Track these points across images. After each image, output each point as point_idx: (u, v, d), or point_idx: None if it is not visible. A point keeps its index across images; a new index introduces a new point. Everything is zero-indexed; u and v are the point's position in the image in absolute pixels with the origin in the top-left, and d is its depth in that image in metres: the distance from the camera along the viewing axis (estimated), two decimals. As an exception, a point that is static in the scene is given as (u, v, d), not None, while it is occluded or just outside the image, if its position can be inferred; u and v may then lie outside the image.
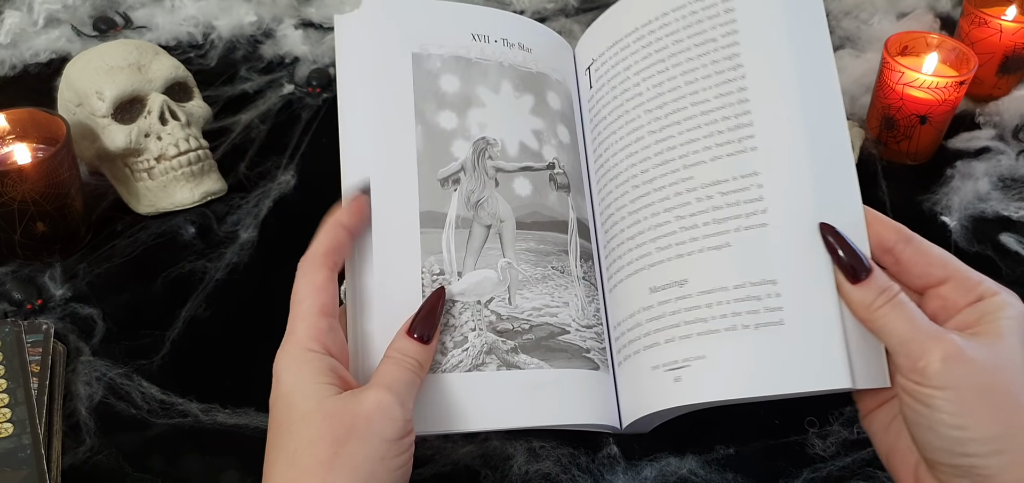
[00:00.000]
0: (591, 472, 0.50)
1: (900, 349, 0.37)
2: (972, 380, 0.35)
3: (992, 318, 0.37)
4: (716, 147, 0.43)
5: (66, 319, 0.60)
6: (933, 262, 0.39)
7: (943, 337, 0.36)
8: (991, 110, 0.82)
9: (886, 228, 0.40)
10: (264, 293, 0.63)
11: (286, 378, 0.39)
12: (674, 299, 0.43)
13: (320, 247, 0.42)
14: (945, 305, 0.39)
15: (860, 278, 0.39)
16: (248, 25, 0.95)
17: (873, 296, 0.38)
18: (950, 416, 0.35)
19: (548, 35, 0.52)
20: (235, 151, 0.77)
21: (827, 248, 0.40)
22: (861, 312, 0.39)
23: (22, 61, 0.89)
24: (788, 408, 0.53)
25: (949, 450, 0.36)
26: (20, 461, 0.47)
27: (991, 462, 0.35)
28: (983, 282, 0.39)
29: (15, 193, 0.60)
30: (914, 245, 0.40)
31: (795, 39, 0.43)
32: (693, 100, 0.44)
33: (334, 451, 0.36)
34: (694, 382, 0.42)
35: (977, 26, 0.80)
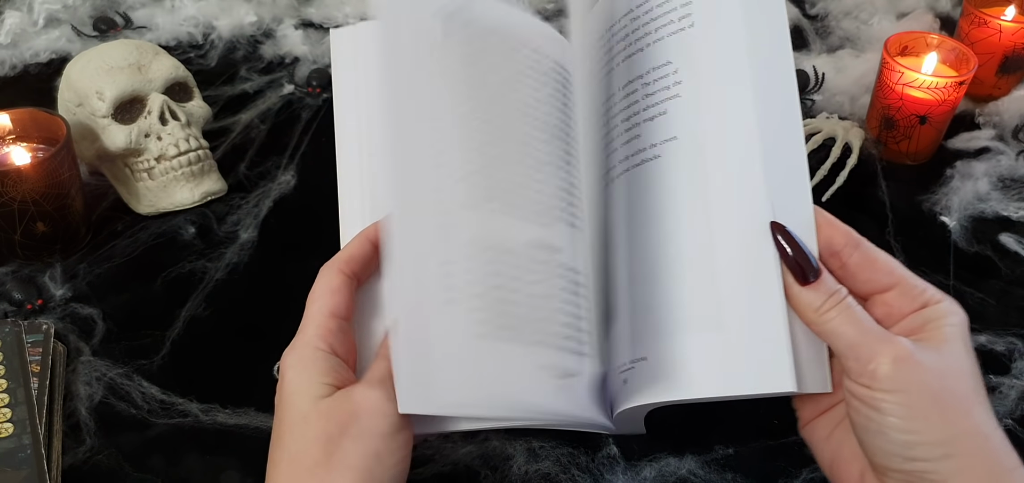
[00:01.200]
0: (591, 472, 0.50)
1: (849, 352, 0.36)
2: (922, 384, 0.35)
3: (936, 325, 0.37)
4: (675, 152, 0.42)
5: (66, 319, 0.60)
6: (880, 268, 0.39)
7: (893, 340, 0.36)
8: (991, 110, 0.82)
9: (836, 231, 0.40)
10: (264, 293, 0.63)
11: (290, 376, 0.39)
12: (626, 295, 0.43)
13: (342, 254, 0.42)
14: (890, 311, 0.38)
15: (809, 280, 0.38)
16: (248, 25, 0.95)
17: (822, 299, 0.38)
18: (900, 420, 0.35)
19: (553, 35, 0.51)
20: (235, 151, 0.77)
21: (777, 247, 0.39)
22: (809, 315, 0.38)
23: (22, 61, 0.89)
24: (788, 408, 0.52)
25: (898, 455, 0.35)
26: (20, 461, 0.47)
27: (940, 466, 0.34)
28: (928, 289, 0.38)
29: (15, 193, 0.60)
30: (862, 250, 0.39)
31: (754, 31, 0.42)
32: (649, 101, 0.44)
33: (329, 451, 0.37)
34: (638, 384, 0.41)
35: (977, 26, 0.80)
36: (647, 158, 0.43)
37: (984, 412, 0.36)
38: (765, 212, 0.39)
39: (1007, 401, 0.55)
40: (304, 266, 0.55)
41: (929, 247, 0.68)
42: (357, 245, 0.43)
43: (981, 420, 0.35)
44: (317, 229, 0.68)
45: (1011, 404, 0.55)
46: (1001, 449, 0.35)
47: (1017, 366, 0.57)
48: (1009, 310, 0.62)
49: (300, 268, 0.65)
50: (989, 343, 0.59)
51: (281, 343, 0.41)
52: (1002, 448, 0.35)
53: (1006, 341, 0.59)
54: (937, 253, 0.67)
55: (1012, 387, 0.56)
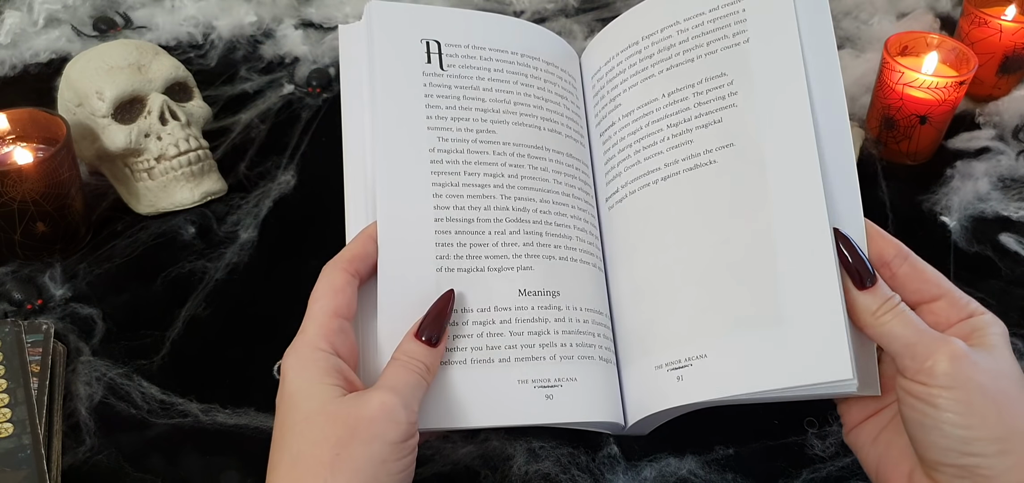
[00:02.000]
0: (591, 472, 0.50)
1: (905, 352, 0.38)
2: (978, 381, 0.36)
3: (983, 333, 0.39)
4: (733, 158, 0.44)
5: (66, 319, 0.60)
6: (928, 280, 0.41)
7: (949, 340, 0.38)
8: (991, 110, 0.82)
9: (886, 243, 0.42)
10: (264, 293, 0.63)
11: (292, 377, 0.39)
12: (681, 294, 0.43)
13: (345, 253, 0.43)
14: (937, 320, 0.40)
15: (866, 284, 0.40)
16: (248, 25, 0.95)
17: (878, 302, 0.40)
18: (957, 415, 0.36)
19: (554, 40, 0.52)
20: (235, 151, 0.77)
21: (838, 253, 0.41)
22: (865, 317, 0.40)
23: (22, 61, 0.89)
24: (787, 409, 0.53)
25: (955, 449, 0.36)
26: (20, 461, 0.47)
27: (995, 462, 0.36)
28: (972, 302, 0.41)
29: (15, 193, 0.60)
30: (911, 262, 0.42)
31: (807, 49, 0.44)
32: (702, 109, 0.45)
33: (336, 453, 0.36)
34: (697, 381, 0.42)
35: (977, 26, 0.80)
36: (701, 163, 0.45)
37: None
38: (825, 219, 0.41)
39: (1007, 401, 0.55)
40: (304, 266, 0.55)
41: (929, 247, 0.67)
42: (360, 243, 0.43)
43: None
44: (317, 229, 0.68)
45: (1011, 404, 0.55)
46: None
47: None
48: (1009, 310, 0.62)
49: (300, 268, 0.65)
50: (989, 343, 0.59)
51: (281, 343, 0.41)
52: None
53: (1006, 341, 0.59)
54: (937, 253, 0.67)
55: (1012, 387, 0.56)
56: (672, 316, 0.44)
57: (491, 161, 0.46)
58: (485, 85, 0.48)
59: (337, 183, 0.46)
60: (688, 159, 0.45)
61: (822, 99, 0.44)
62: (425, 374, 0.40)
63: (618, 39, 0.50)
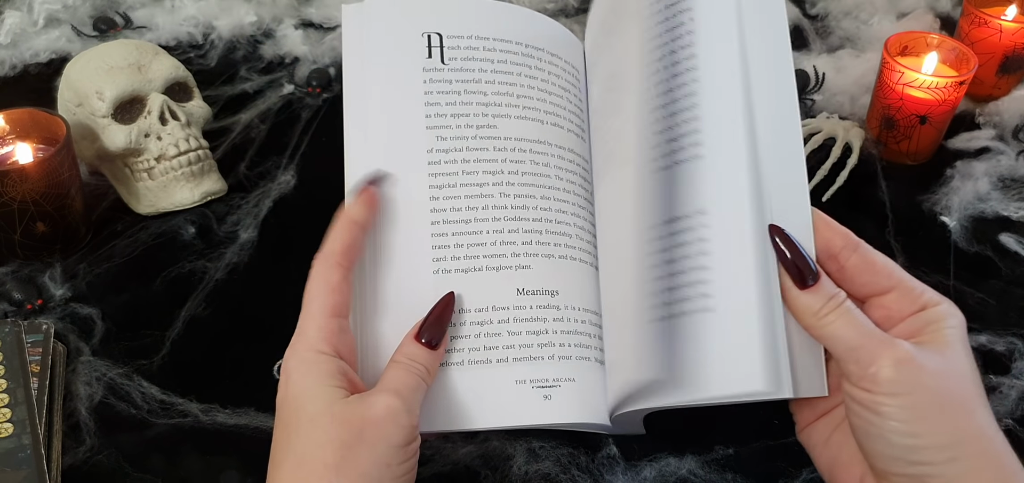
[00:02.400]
0: (591, 472, 0.50)
1: (849, 356, 0.36)
2: (924, 386, 0.35)
3: (936, 327, 0.37)
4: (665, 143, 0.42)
5: (66, 319, 0.60)
6: (879, 271, 0.38)
7: (894, 343, 0.36)
8: (991, 110, 0.82)
9: (834, 233, 0.39)
10: (264, 293, 0.63)
11: (295, 379, 0.39)
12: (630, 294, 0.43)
13: (335, 246, 0.41)
14: (888, 314, 0.38)
15: (807, 283, 0.38)
16: (248, 25, 0.95)
17: (821, 302, 0.37)
18: (902, 423, 0.34)
19: (559, 30, 0.51)
20: (235, 151, 0.77)
21: (775, 250, 0.38)
22: (807, 318, 0.38)
23: (22, 61, 0.89)
24: (787, 408, 0.53)
25: (901, 459, 0.35)
26: (20, 461, 0.47)
27: (945, 469, 0.34)
28: (926, 292, 0.38)
29: (15, 193, 0.60)
30: (860, 252, 0.39)
31: (748, 37, 0.42)
32: (648, 96, 0.44)
33: (342, 455, 0.36)
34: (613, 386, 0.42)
35: (977, 26, 0.80)
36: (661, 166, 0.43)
37: (986, 414, 0.36)
38: (763, 215, 0.39)
39: (1007, 401, 0.55)
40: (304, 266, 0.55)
41: (929, 247, 0.68)
42: (347, 232, 0.42)
43: (984, 422, 0.35)
44: (317, 229, 0.68)
45: (1011, 404, 0.55)
46: (1004, 451, 0.35)
47: (1017, 366, 0.57)
48: (1009, 310, 0.62)
49: (300, 268, 0.65)
50: (989, 343, 0.59)
51: (281, 343, 0.41)
52: (1004, 450, 0.35)
53: (1006, 341, 0.59)
54: (937, 253, 0.67)
55: (1012, 387, 0.56)
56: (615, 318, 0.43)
57: (491, 157, 0.45)
58: (487, 78, 0.47)
59: (337, 183, 0.46)
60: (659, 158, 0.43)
61: (766, 88, 0.41)
62: (425, 376, 0.40)
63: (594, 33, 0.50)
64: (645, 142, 0.43)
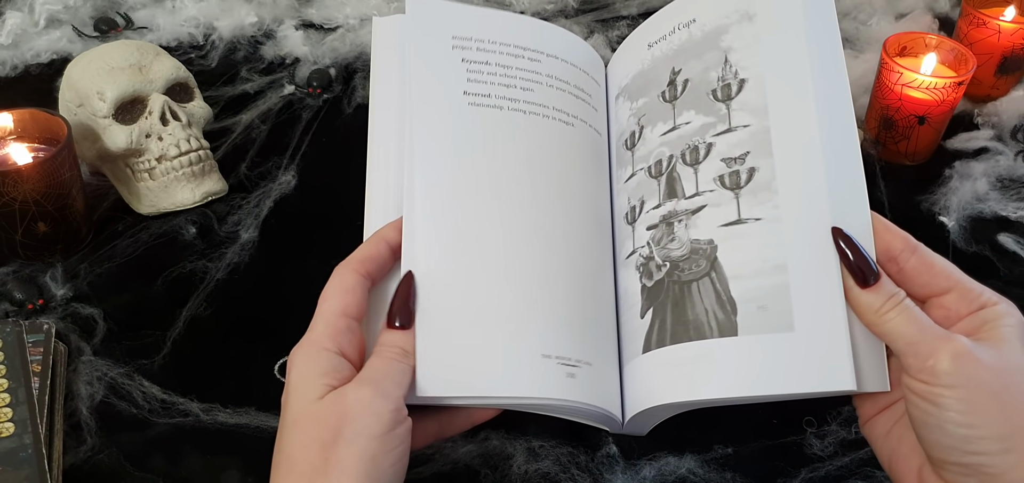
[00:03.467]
0: (590, 471, 0.50)
1: (908, 350, 0.38)
2: (981, 379, 0.36)
3: (994, 325, 0.38)
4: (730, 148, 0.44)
5: (67, 319, 0.60)
6: (937, 272, 0.40)
7: (952, 338, 0.37)
8: (989, 110, 0.82)
9: (893, 236, 0.41)
10: (265, 293, 0.63)
11: (293, 375, 0.39)
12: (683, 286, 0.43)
13: (358, 253, 0.43)
14: (947, 314, 0.40)
15: (869, 283, 0.39)
16: (249, 26, 0.95)
17: (882, 300, 0.39)
18: (960, 414, 0.36)
19: (583, 48, 0.53)
20: (236, 151, 0.77)
21: (838, 252, 0.40)
22: (869, 316, 0.39)
23: (23, 61, 0.89)
24: (786, 408, 0.53)
25: (958, 448, 0.36)
26: (21, 461, 0.47)
27: (999, 460, 0.35)
28: (984, 292, 0.39)
29: (16, 193, 0.60)
30: (919, 255, 0.41)
31: (812, 44, 0.44)
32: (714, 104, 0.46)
33: (325, 456, 0.37)
34: (702, 379, 0.42)
35: (975, 27, 0.81)
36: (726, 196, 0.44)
37: None
38: (827, 217, 0.41)
39: (1005, 401, 0.55)
40: (305, 266, 0.55)
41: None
42: (373, 245, 0.43)
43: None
44: (318, 229, 0.68)
45: (1009, 404, 0.55)
46: None
47: (1015, 366, 0.57)
48: (1008, 310, 0.62)
49: (301, 268, 0.65)
50: (987, 343, 0.59)
51: (282, 343, 0.41)
52: None
53: (1004, 341, 0.59)
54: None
55: (1010, 387, 0.56)
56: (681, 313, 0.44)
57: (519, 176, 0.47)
58: (514, 95, 0.48)
59: (338, 183, 0.46)
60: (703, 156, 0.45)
61: (828, 95, 0.43)
62: (402, 357, 0.41)
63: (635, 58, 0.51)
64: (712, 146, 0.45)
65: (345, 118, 0.82)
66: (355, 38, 0.93)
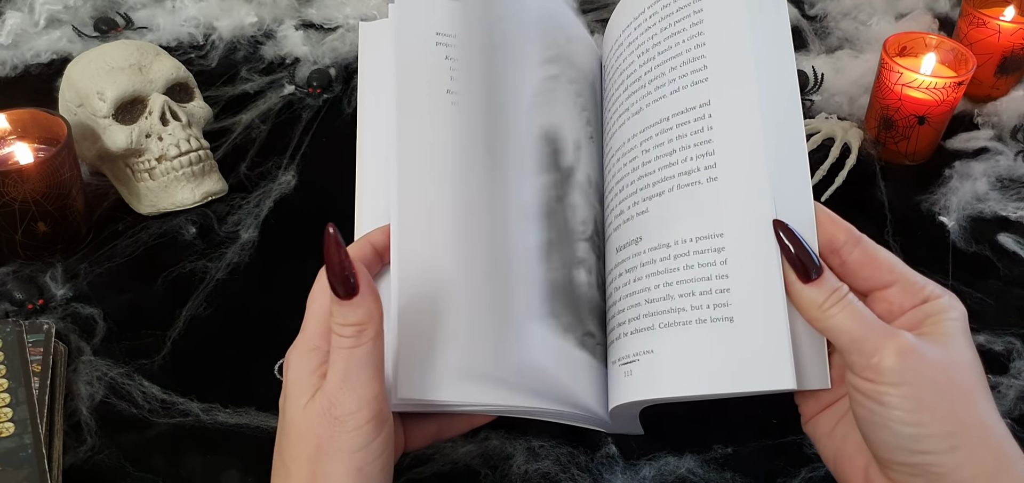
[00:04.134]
0: (590, 471, 0.50)
1: (852, 347, 0.36)
2: (927, 376, 0.35)
3: (937, 319, 0.37)
4: (677, 139, 0.43)
5: (67, 319, 0.60)
6: (880, 265, 0.39)
7: (896, 334, 0.36)
8: (989, 110, 0.82)
9: (837, 228, 0.39)
10: (265, 293, 0.63)
11: (288, 376, 0.40)
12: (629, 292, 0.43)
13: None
14: (890, 308, 0.38)
15: (811, 277, 0.38)
16: (249, 26, 0.95)
17: (824, 295, 0.37)
18: (905, 412, 0.35)
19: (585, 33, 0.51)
20: (236, 151, 0.77)
21: (779, 244, 0.39)
22: (811, 311, 0.38)
23: (23, 61, 0.89)
24: (786, 408, 0.53)
25: (904, 448, 0.35)
26: (21, 461, 0.47)
27: (947, 459, 0.35)
28: (928, 285, 0.38)
29: (16, 193, 0.60)
30: (862, 247, 0.39)
31: (758, 31, 0.42)
32: (657, 95, 0.44)
33: (312, 470, 0.37)
34: (642, 378, 0.41)
35: (975, 27, 0.81)
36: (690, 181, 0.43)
37: (988, 404, 0.36)
38: (768, 210, 0.40)
39: (1006, 400, 0.55)
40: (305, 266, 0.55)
41: (928, 247, 0.68)
42: (359, 247, 0.43)
43: (985, 412, 0.36)
44: (318, 229, 0.68)
45: (1010, 403, 0.55)
46: (1005, 441, 0.36)
47: (1015, 365, 0.57)
48: (1007, 310, 0.62)
49: (301, 268, 0.65)
50: (987, 343, 0.59)
51: (281, 343, 0.41)
52: (1005, 440, 0.36)
53: (1004, 341, 0.59)
54: (936, 253, 0.67)
55: (1011, 387, 0.56)
56: (629, 311, 0.43)
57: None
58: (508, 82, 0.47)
59: (337, 183, 0.46)
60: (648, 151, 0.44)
61: (772, 86, 0.42)
62: (359, 336, 0.37)
63: (612, 31, 0.50)
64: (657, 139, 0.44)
65: (345, 118, 0.82)
66: (355, 38, 0.93)
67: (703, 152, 0.42)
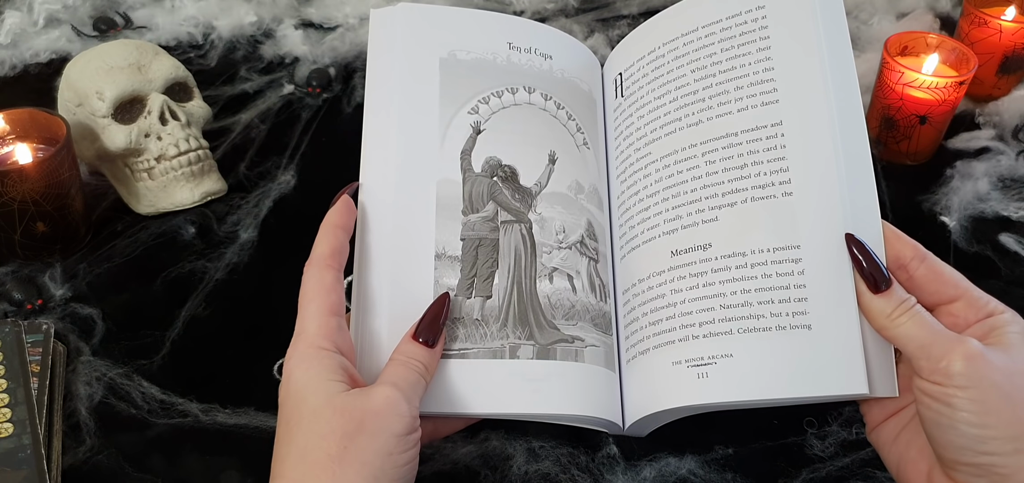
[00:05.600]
0: (591, 472, 0.50)
1: (920, 353, 0.38)
2: (993, 380, 0.37)
3: (1002, 332, 0.39)
4: (748, 153, 0.44)
5: (66, 319, 0.60)
6: (946, 281, 0.41)
7: (964, 341, 0.38)
8: (991, 110, 0.82)
9: (904, 245, 0.42)
10: (264, 293, 0.63)
11: (297, 375, 0.40)
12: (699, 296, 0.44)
13: (324, 249, 0.43)
14: (956, 321, 0.40)
15: (881, 288, 0.40)
16: (248, 25, 0.95)
17: (893, 305, 0.40)
18: (973, 414, 0.36)
19: (575, 46, 0.53)
20: (235, 151, 0.77)
21: (851, 258, 0.41)
22: (880, 321, 0.40)
23: (22, 61, 0.89)
24: (786, 409, 0.53)
25: (970, 449, 0.37)
26: (20, 461, 0.47)
27: (1011, 460, 0.36)
28: (991, 301, 0.40)
29: (15, 193, 0.60)
30: (928, 263, 0.42)
31: (826, 55, 0.45)
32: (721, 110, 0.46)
33: (344, 445, 0.37)
34: (721, 380, 0.42)
35: (977, 26, 0.80)
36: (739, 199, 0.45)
37: None
38: (842, 225, 0.42)
39: (1007, 401, 0.55)
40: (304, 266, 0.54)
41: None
42: (333, 237, 0.43)
43: None
44: (317, 229, 0.68)
45: (1011, 404, 0.55)
46: None
47: (1017, 366, 0.57)
48: (1009, 310, 0.62)
49: (300, 268, 0.65)
50: (989, 343, 0.59)
51: (281, 343, 0.41)
52: None
53: (1006, 341, 0.59)
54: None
55: (1012, 387, 0.56)
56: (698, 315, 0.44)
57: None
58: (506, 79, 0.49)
59: (337, 183, 0.46)
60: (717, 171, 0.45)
61: (842, 105, 0.44)
62: (424, 373, 0.41)
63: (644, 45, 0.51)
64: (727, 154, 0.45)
65: (344, 118, 0.82)
66: (354, 37, 0.93)
67: (777, 167, 0.44)
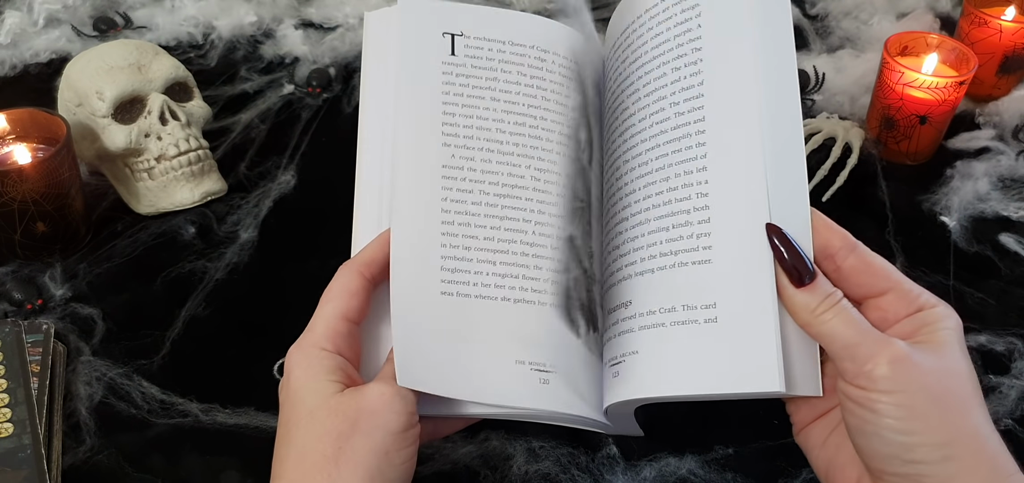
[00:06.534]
0: (591, 472, 0.50)
1: (844, 353, 0.36)
2: (920, 385, 0.35)
3: (932, 329, 0.37)
4: (668, 143, 0.42)
5: (66, 319, 0.60)
6: (876, 272, 0.38)
7: (890, 342, 0.36)
8: (991, 110, 0.82)
9: (833, 234, 0.39)
10: (264, 293, 0.63)
11: (297, 374, 0.39)
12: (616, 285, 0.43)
13: (363, 255, 0.42)
14: (884, 316, 0.38)
15: (805, 281, 0.37)
16: (248, 25, 0.95)
17: (817, 301, 0.37)
18: (898, 421, 0.34)
19: (579, 37, 0.51)
20: (235, 151, 0.77)
21: (772, 249, 0.38)
22: (804, 316, 0.37)
23: (22, 61, 0.89)
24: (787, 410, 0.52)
25: (896, 457, 0.35)
26: (20, 461, 0.47)
27: (939, 469, 0.34)
28: (923, 294, 0.38)
29: (15, 193, 0.60)
30: (858, 254, 0.39)
31: (757, 34, 0.42)
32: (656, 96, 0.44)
33: (339, 446, 0.37)
34: (627, 379, 0.41)
35: (977, 26, 0.80)
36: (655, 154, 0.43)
37: (982, 414, 0.36)
38: (761, 213, 0.39)
39: (1007, 401, 0.55)
40: (304, 266, 0.55)
41: (929, 247, 0.68)
42: (377, 248, 0.42)
43: (979, 422, 0.35)
44: (317, 229, 0.68)
45: (1011, 404, 0.55)
46: (999, 452, 0.35)
47: (1017, 366, 0.57)
48: (1009, 310, 0.62)
49: (300, 268, 0.65)
50: (989, 343, 0.59)
51: (281, 343, 0.41)
52: (1000, 451, 0.35)
53: (1006, 341, 0.59)
54: (937, 253, 0.67)
55: (1012, 387, 0.56)
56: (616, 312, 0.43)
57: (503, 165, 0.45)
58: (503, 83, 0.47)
59: (337, 183, 0.46)
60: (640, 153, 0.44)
61: (772, 88, 0.41)
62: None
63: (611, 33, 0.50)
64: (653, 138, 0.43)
65: (345, 117, 0.82)
66: (354, 37, 0.93)
67: (696, 154, 0.41)
